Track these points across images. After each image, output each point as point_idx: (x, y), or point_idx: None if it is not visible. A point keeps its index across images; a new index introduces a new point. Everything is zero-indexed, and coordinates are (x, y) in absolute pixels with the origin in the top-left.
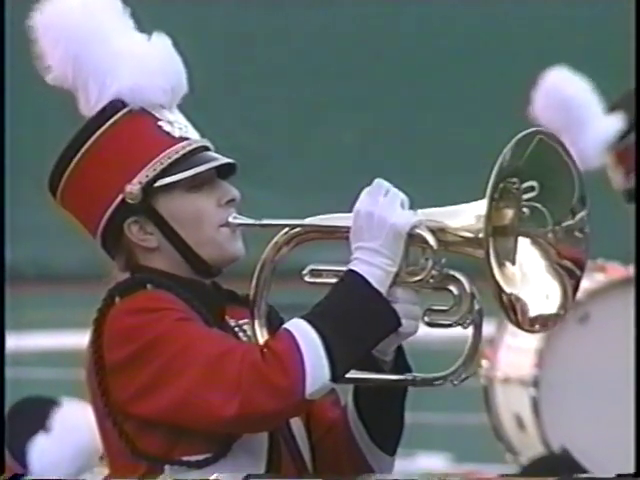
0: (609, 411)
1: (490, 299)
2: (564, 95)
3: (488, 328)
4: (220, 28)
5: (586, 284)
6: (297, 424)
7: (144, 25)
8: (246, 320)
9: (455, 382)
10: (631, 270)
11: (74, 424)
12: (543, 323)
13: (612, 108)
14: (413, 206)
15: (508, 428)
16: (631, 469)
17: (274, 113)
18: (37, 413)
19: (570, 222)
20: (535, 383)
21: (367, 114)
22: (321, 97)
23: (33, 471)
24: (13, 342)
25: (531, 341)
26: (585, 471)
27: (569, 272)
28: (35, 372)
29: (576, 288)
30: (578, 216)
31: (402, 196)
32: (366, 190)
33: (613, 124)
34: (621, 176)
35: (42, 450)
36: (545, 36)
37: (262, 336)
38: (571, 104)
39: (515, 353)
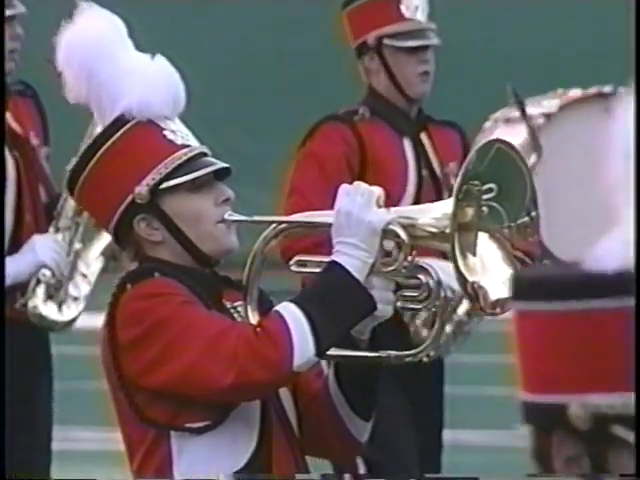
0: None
1: None
2: None
3: None
4: (219, 41)
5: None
6: (285, 394)
7: (148, 41)
8: (240, 302)
9: (424, 359)
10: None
11: None
12: (501, 306)
13: None
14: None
15: None
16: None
17: (270, 122)
18: None
19: (523, 220)
20: None
21: None
22: (312, 106)
23: None
24: None
25: None
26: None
27: (522, 262)
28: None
29: None
30: (530, 215)
31: (378, 192)
32: (345, 190)
33: None
34: None
35: None
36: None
37: (253, 317)
38: None
39: None
